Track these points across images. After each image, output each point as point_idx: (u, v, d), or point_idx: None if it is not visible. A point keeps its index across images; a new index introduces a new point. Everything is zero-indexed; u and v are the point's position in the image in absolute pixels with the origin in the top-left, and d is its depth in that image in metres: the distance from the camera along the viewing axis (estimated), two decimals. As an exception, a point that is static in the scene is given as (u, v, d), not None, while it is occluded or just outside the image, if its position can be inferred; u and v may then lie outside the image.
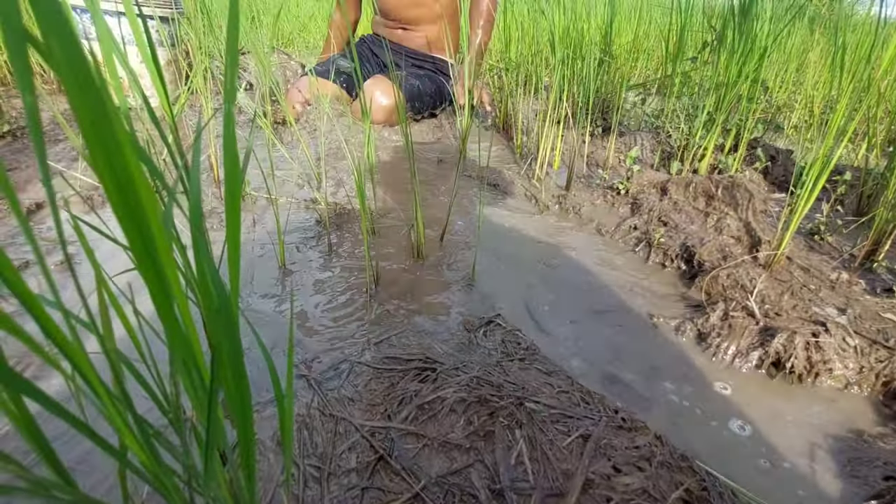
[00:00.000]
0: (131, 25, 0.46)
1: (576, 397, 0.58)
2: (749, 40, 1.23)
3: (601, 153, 1.53)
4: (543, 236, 1.05)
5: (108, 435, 0.50)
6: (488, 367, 0.62)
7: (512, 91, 1.69)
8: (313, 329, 0.71)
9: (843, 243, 1.05)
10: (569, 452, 0.50)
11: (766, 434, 0.59)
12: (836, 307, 0.79)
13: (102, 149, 0.15)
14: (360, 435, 0.52)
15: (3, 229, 0.89)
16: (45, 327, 0.23)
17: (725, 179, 1.10)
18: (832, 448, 0.58)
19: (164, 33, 1.60)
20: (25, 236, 0.19)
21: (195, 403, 0.29)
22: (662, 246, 0.99)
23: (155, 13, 1.55)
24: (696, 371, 0.69)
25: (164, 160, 0.99)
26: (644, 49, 2.57)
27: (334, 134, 1.56)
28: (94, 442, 0.25)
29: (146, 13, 1.54)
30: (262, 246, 0.92)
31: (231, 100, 0.25)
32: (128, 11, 0.46)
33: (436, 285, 0.84)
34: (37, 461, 0.48)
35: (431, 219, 1.08)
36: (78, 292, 0.26)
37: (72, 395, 0.55)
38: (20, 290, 0.21)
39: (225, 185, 0.20)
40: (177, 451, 0.30)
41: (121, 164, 0.16)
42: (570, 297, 0.84)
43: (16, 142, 1.28)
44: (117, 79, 0.44)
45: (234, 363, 0.20)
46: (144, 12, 1.53)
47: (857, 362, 0.68)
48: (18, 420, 0.27)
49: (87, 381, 0.25)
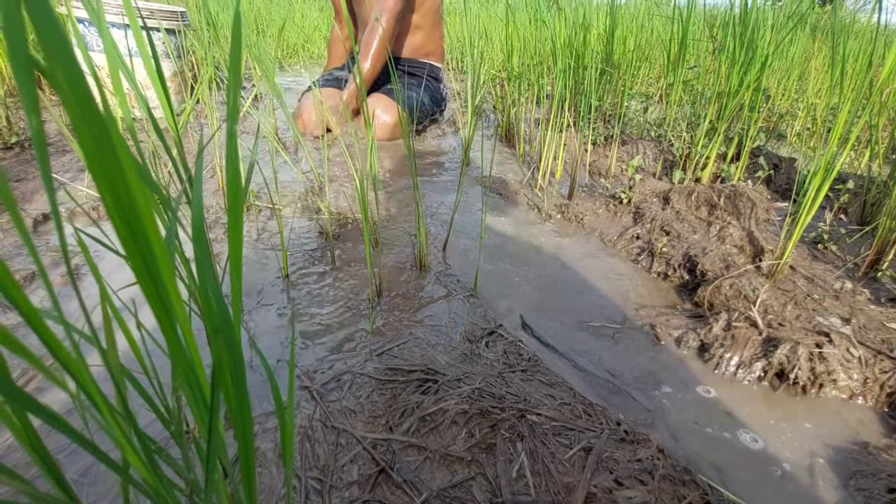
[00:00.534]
0: (136, 38, 0.47)
1: (577, 409, 0.58)
2: (750, 50, 1.24)
3: (603, 162, 1.54)
4: (546, 246, 1.05)
5: (110, 447, 0.51)
6: (490, 378, 0.62)
7: (514, 100, 1.70)
8: (315, 340, 0.71)
9: (847, 252, 1.05)
10: (570, 465, 0.50)
11: (769, 446, 0.59)
12: (840, 317, 0.78)
13: (106, 174, 0.16)
14: (362, 447, 0.52)
15: (11, 239, 0.90)
16: (48, 343, 0.23)
17: (728, 188, 1.10)
18: (836, 460, 0.57)
19: (170, 45, 1.62)
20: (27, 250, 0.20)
21: (197, 418, 0.29)
22: (665, 255, 0.99)
23: (161, 25, 1.57)
24: (699, 383, 0.69)
25: (168, 172, 1.00)
26: (646, 57, 2.58)
27: (338, 145, 1.58)
28: (97, 458, 0.25)
29: (152, 26, 1.56)
30: (264, 255, 0.93)
31: (234, 120, 0.25)
32: (132, 25, 0.47)
33: (438, 295, 0.84)
34: (39, 474, 0.48)
35: (434, 227, 1.08)
36: (81, 307, 0.27)
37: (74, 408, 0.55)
38: (21, 304, 0.22)
39: (228, 207, 0.21)
40: (178, 465, 0.30)
41: (124, 190, 0.16)
42: (572, 308, 0.84)
43: (24, 153, 1.30)
44: (122, 92, 0.44)
45: (235, 381, 0.20)
46: (150, 25, 1.55)
47: (862, 373, 0.67)
48: (22, 435, 0.27)
49: (89, 397, 0.25)
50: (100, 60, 1.52)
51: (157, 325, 0.43)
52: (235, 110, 0.26)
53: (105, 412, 0.23)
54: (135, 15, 0.46)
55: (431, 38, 1.83)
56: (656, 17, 2.38)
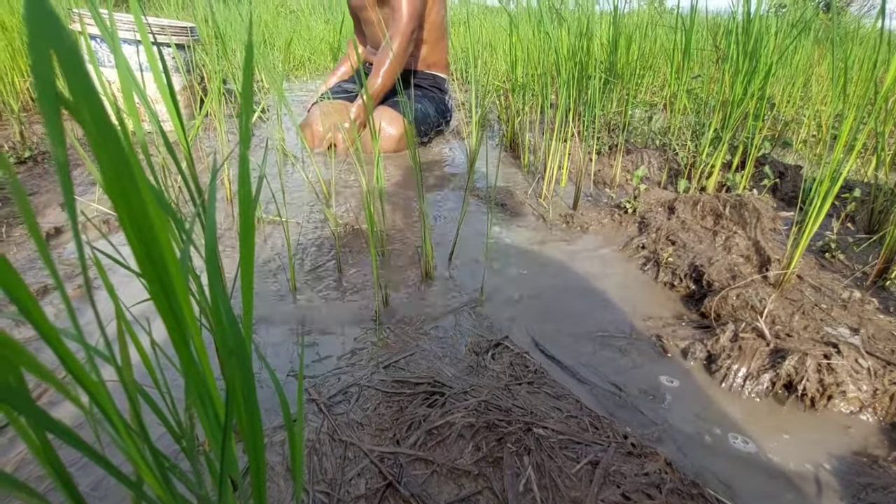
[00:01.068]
0: (147, 54, 0.49)
1: (584, 422, 0.58)
2: (753, 59, 1.25)
3: (608, 171, 1.54)
4: (551, 256, 1.06)
5: (120, 461, 0.51)
6: (496, 390, 0.62)
7: (518, 111, 1.71)
8: (322, 351, 0.72)
9: (855, 261, 1.04)
10: (577, 479, 0.49)
11: (777, 459, 0.58)
12: (849, 327, 0.78)
13: (128, 207, 0.16)
14: (369, 460, 0.52)
15: (23, 253, 0.92)
16: (66, 362, 0.24)
17: (733, 198, 1.10)
18: (845, 473, 0.57)
19: (180, 60, 1.65)
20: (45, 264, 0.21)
21: (208, 434, 0.30)
22: (670, 265, 0.99)
23: (171, 41, 1.60)
24: (706, 394, 0.68)
25: (178, 187, 1.02)
26: (650, 66, 2.59)
27: (346, 158, 1.59)
28: (111, 475, 0.26)
29: (162, 41, 1.59)
30: (272, 267, 0.94)
31: (247, 145, 0.26)
32: (145, 43, 0.48)
33: (444, 307, 0.85)
34: (51, 487, 0.49)
35: (440, 239, 1.09)
36: (98, 324, 0.27)
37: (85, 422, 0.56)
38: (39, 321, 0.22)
39: (240, 238, 0.22)
40: (190, 481, 0.30)
41: (145, 220, 0.17)
42: (578, 318, 0.84)
43: (37, 167, 1.32)
44: (135, 111, 0.46)
45: (247, 402, 0.21)
46: (161, 40, 1.58)
47: (871, 384, 0.67)
48: (39, 451, 0.27)
49: (106, 416, 0.25)
50: (110, 75, 1.55)
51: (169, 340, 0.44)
52: (247, 135, 0.26)
53: (121, 429, 0.24)
54: (146, 32, 0.47)
55: (436, 50, 1.85)
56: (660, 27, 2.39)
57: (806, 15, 1.68)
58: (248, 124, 0.26)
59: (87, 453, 0.25)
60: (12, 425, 0.27)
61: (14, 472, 0.51)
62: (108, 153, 0.17)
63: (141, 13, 0.46)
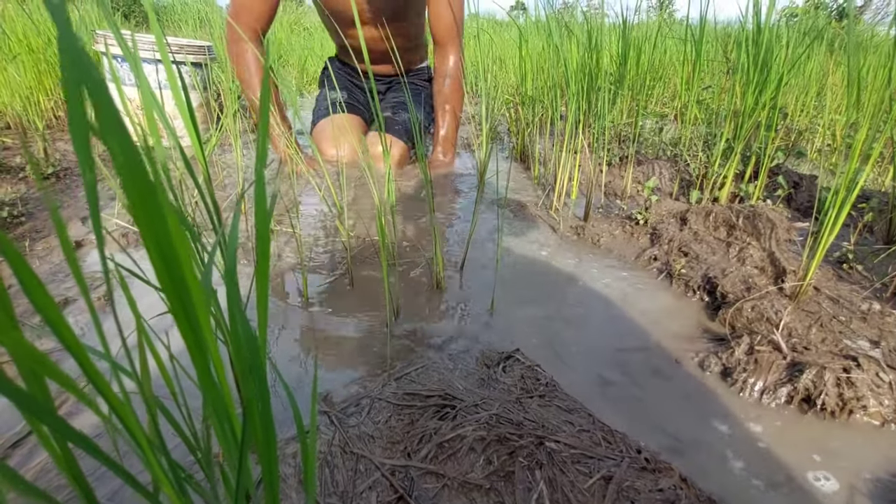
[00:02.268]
0: (167, 74, 0.50)
1: (597, 436, 0.57)
2: (764, 70, 1.24)
3: (619, 182, 1.54)
4: (561, 267, 1.05)
5: (136, 470, 0.52)
6: (507, 404, 0.62)
7: (528, 123, 1.72)
8: (334, 363, 0.72)
9: (874, 272, 1.02)
10: (590, 495, 0.49)
11: (796, 476, 0.57)
12: (869, 339, 0.76)
13: (152, 231, 0.17)
14: (381, 473, 0.52)
15: (45, 267, 0.94)
16: (90, 375, 0.25)
17: (746, 209, 1.09)
18: (870, 491, 0.56)
19: (197, 78, 1.69)
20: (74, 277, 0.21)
21: (224, 447, 0.31)
22: (683, 277, 0.98)
23: (188, 59, 1.65)
24: (722, 408, 0.67)
25: (195, 201, 1.04)
26: (660, 77, 2.59)
27: (356, 170, 1.61)
28: (130, 485, 0.27)
29: (180, 59, 1.64)
30: (284, 279, 0.95)
31: (263, 163, 0.27)
32: (165, 63, 0.50)
33: (455, 318, 0.85)
34: (71, 496, 0.50)
35: (451, 250, 1.10)
36: (121, 340, 0.28)
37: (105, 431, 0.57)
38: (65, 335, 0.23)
39: (257, 252, 0.22)
40: (206, 493, 0.31)
41: (167, 243, 0.17)
42: (589, 331, 0.84)
43: (59, 182, 1.36)
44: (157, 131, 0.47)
45: (263, 418, 0.22)
46: (179, 59, 1.63)
47: (893, 399, 0.65)
48: (61, 460, 0.28)
49: (126, 427, 0.26)
50: (131, 93, 1.60)
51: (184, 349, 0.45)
52: (264, 153, 0.27)
53: (142, 441, 0.25)
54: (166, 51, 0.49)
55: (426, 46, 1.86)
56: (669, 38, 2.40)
57: (818, 24, 1.67)
58: (265, 142, 0.27)
59: (107, 464, 0.26)
60: (35, 434, 0.28)
61: (34, 480, 0.52)
62: (134, 182, 0.18)
63: (161, 34, 0.47)
